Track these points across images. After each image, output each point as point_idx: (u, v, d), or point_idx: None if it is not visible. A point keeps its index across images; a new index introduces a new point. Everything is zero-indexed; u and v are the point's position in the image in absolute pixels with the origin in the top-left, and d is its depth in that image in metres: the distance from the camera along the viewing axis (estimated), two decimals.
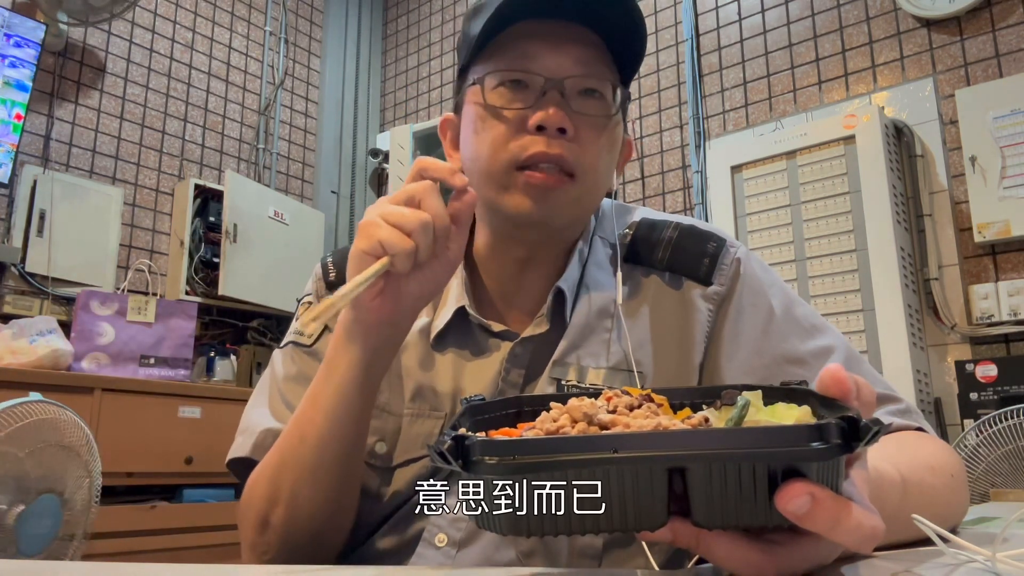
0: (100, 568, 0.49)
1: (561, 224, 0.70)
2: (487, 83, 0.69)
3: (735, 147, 2.53)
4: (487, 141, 0.68)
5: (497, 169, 0.67)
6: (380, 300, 0.57)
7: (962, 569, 0.43)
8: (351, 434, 0.62)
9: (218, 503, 2.36)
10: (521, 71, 0.67)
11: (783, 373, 0.68)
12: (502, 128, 0.67)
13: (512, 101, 0.67)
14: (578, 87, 0.68)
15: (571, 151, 0.66)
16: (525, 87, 0.68)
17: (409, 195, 0.56)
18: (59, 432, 1.51)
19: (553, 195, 0.66)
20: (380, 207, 0.56)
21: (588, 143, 0.67)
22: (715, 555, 0.36)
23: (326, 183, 3.69)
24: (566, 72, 0.67)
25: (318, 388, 0.62)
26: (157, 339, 2.50)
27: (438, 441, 0.35)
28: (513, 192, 0.67)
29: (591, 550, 0.65)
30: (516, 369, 0.70)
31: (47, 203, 2.62)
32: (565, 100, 0.66)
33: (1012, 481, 1.65)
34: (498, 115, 0.68)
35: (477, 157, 0.69)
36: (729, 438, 0.33)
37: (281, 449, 0.64)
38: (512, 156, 0.66)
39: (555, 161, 0.65)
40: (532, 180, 0.65)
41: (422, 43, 3.88)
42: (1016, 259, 2.13)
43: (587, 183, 0.68)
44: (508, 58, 0.68)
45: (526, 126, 0.66)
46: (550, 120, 0.65)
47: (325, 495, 0.63)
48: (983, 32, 2.26)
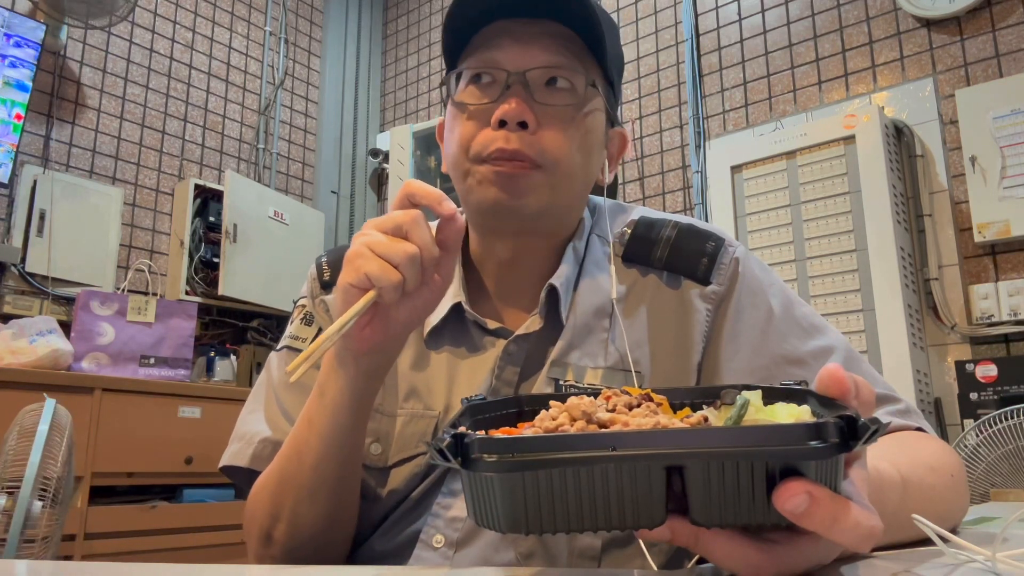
0: (100, 568, 0.48)
1: (534, 211, 0.68)
2: (458, 82, 0.70)
3: (735, 147, 2.53)
4: (456, 138, 0.69)
5: (464, 164, 0.68)
6: (369, 330, 0.56)
7: (962, 569, 0.43)
8: (347, 452, 0.62)
9: (218, 503, 2.36)
10: (487, 67, 0.68)
11: (783, 373, 0.68)
12: (469, 125, 0.68)
13: (478, 97, 0.68)
14: (542, 78, 0.68)
15: (532, 145, 0.66)
16: (492, 82, 0.68)
17: (396, 225, 0.55)
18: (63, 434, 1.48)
19: (520, 182, 0.66)
20: (367, 236, 0.55)
21: (554, 135, 0.67)
22: (713, 554, 0.36)
23: (326, 183, 3.70)
24: (529, 64, 0.67)
25: (312, 410, 0.62)
26: (157, 339, 2.50)
27: (437, 439, 0.35)
28: (481, 184, 0.67)
29: (590, 551, 0.65)
30: (511, 367, 0.70)
31: (47, 203, 2.63)
32: (528, 92, 0.67)
33: (1012, 481, 1.65)
34: (466, 111, 0.69)
35: (448, 154, 0.71)
36: (727, 437, 0.33)
37: (281, 469, 0.65)
38: (476, 152, 0.67)
39: (515, 156, 0.65)
40: (496, 168, 0.66)
41: (422, 43, 3.88)
42: (1016, 259, 2.13)
43: (557, 173, 0.67)
44: (476, 55, 0.69)
45: (489, 121, 0.66)
46: (510, 114, 0.65)
47: (326, 511, 0.64)
48: (983, 32, 2.26)
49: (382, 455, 0.69)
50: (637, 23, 3.04)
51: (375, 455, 0.69)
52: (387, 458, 0.69)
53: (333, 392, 0.60)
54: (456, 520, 0.66)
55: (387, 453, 0.69)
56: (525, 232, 0.71)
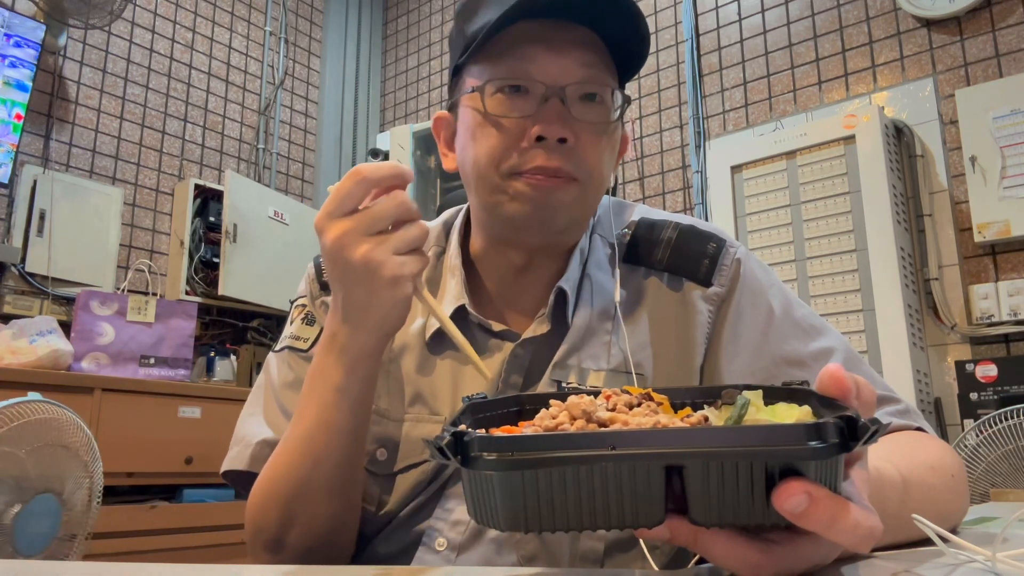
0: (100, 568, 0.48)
1: (561, 226, 0.68)
2: (486, 89, 0.67)
3: (735, 147, 2.53)
4: (485, 149, 0.66)
5: (494, 177, 0.66)
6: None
7: (962, 569, 0.42)
8: (360, 447, 0.64)
9: (218, 503, 2.36)
10: (522, 78, 0.65)
11: (783, 375, 0.68)
12: (501, 137, 0.65)
13: (512, 109, 0.65)
14: (579, 92, 0.66)
15: (571, 160, 0.65)
16: (526, 93, 0.66)
17: (394, 217, 0.57)
18: (60, 432, 1.51)
19: (554, 196, 0.65)
20: (383, 245, 0.56)
21: (589, 148, 0.66)
22: (713, 554, 0.36)
23: (326, 183, 3.69)
24: (568, 78, 0.65)
25: (329, 412, 0.61)
26: (157, 339, 2.50)
27: (437, 437, 0.35)
28: (514, 196, 0.65)
29: (593, 554, 0.64)
30: (516, 370, 0.70)
31: (47, 203, 2.63)
32: (566, 107, 0.65)
33: (1012, 481, 1.65)
34: (497, 124, 0.66)
35: (476, 164, 0.67)
36: (726, 436, 0.33)
37: (292, 473, 0.64)
38: (511, 167, 0.65)
39: (555, 173, 0.64)
40: (532, 181, 0.64)
41: (422, 43, 3.88)
42: (1016, 259, 2.13)
43: (589, 186, 0.67)
44: (507, 63, 0.66)
45: (526, 135, 0.65)
46: (551, 131, 0.63)
47: (339, 510, 0.64)
48: (983, 32, 2.26)
49: (388, 461, 0.69)
50: None
51: (381, 461, 0.69)
52: (393, 464, 0.69)
53: (357, 391, 0.60)
54: (459, 523, 0.66)
55: (393, 459, 0.69)
56: (546, 243, 0.71)
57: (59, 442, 1.50)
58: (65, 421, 1.52)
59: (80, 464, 1.55)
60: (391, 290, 0.56)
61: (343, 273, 0.57)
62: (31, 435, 1.44)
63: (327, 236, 0.57)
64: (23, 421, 1.42)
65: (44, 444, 1.47)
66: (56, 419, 1.50)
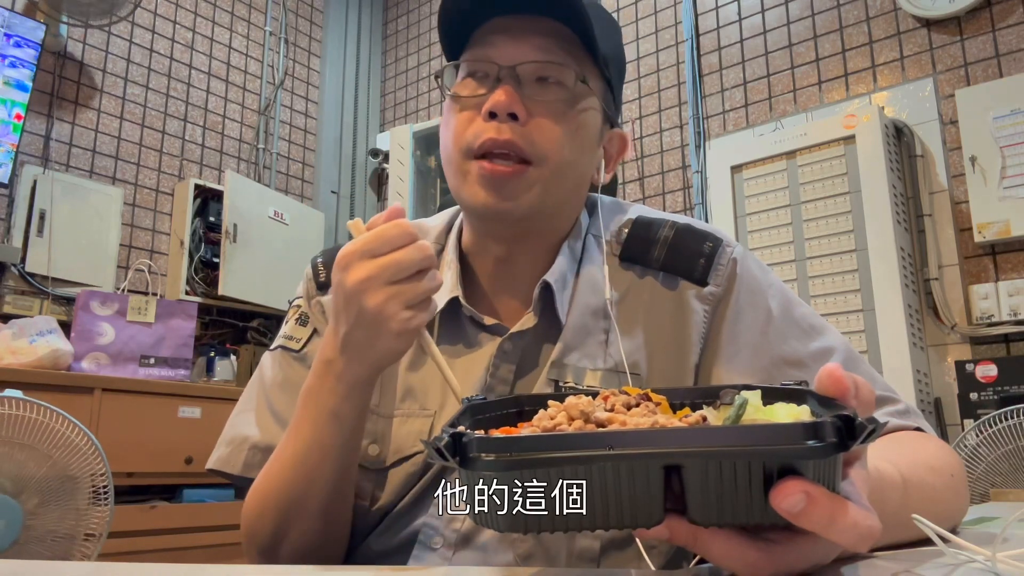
0: (100, 568, 0.48)
1: (524, 213, 0.68)
2: (454, 76, 0.71)
3: (735, 147, 2.53)
4: (450, 131, 0.70)
5: (456, 158, 0.69)
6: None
7: (962, 569, 0.42)
8: (353, 461, 0.65)
9: (218, 503, 2.36)
10: (481, 61, 0.69)
11: (783, 375, 0.68)
12: (462, 117, 0.69)
13: (472, 91, 0.69)
14: (534, 74, 0.68)
15: (523, 136, 0.66)
16: (484, 76, 0.69)
17: (408, 266, 0.57)
18: (24, 431, 1.48)
19: (509, 184, 0.66)
20: (398, 299, 0.57)
21: (545, 129, 0.67)
22: (712, 553, 0.36)
23: (326, 183, 3.70)
24: (519, 59, 0.67)
25: (325, 436, 0.62)
26: (157, 339, 2.50)
27: (436, 438, 0.35)
28: (471, 182, 0.67)
29: (589, 553, 0.64)
30: (506, 365, 0.70)
31: (47, 203, 2.62)
32: (520, 87, 0.67)
33: (1012, 481, 1.65)
34: (459, 104, 0.69)
35: (444, 147, 0.71)
36: (724, 436, 0.33)
37: (285, 492, 0.65)
38: (467, 144, 0.67)
39: (506, 147, 0.65)
40: (484, 171, 0.66)
41: (422, 43, 3.88)
42: (1016, 259, 2.13)
43: (546, 169, 0.67)
44: (472, 51, 0.70)
45: (481, 113, 0.67)
46: (499, 105, 0.65)
47: (331, 521, 0.65)
48: (983, 32, 2.25)
49: (380, 456, 0.69)
50: (637, 23, 3.04)
51: (373, 456, 0.69)
52: (385, 459, 0.69)
53: (351, 417, 0.61)
54: (455, 521, 0.66)
55: (385, 454, 0.69)
56: (517, 232, 0.71)
57: (19, 440, 1.47)
58: (48, 422, 1.50)
59: (78, 464, 1.54)
60: (394, 342, 0.58)
61: (354, 316, 0.57)
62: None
63: (350, 275, 0.57)
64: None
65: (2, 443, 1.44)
66: (31, 418, 1.48)
